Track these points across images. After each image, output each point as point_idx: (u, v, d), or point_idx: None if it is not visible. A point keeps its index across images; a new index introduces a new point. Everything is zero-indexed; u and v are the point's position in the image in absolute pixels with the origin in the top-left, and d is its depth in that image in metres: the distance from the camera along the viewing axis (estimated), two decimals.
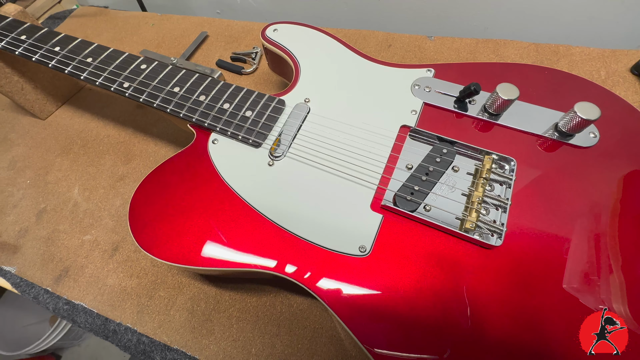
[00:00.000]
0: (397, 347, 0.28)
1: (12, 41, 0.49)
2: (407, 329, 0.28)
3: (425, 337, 0.28)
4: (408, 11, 0.70)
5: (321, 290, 0.30)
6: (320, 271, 0.31)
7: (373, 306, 0.30)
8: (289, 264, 0.32)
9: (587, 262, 0.29)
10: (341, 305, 0.30)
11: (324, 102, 0.41)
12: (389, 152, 0.37)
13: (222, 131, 0.39)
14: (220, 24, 0.73)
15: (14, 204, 0.54)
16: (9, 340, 1.39)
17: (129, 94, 0.42)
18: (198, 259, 0.32)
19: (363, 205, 0.34)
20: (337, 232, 0.32)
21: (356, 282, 0.30)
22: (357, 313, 0.29)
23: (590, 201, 0.32)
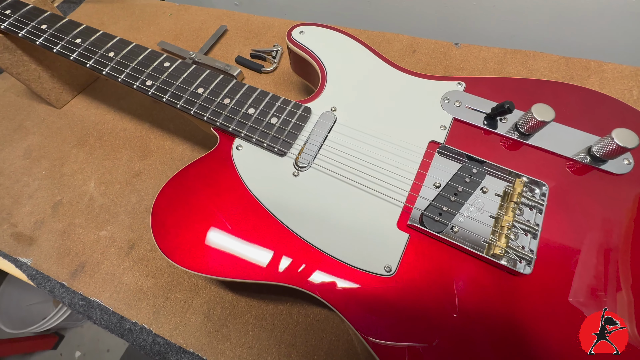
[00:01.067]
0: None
1: (32, 30, 0.48)
2: (430, 350, 0.28)
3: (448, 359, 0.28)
4: (433, 15, 0.68)
5: (345, 308, 0.30)
6: (344, 289, 0.31)
7: (396, 327, 0.29)
8: (313, 280, 0.31)
9: (620, 298, 0.29)
10: (365, 324, 0.30)
11: (351, 111, 0.40)
12: (416, 168, 0.36)
13: (246, 137, 0.38)
14: (240, 18, 0.71)
15: (30, 194, 0.54)
16: (14, 319, 1.41)
17: (151, 92, 0.42)
18: (220, 269, 0.32)
19: (389, 223, 0.33)
20: (363, 250, 0.32)
21: (380, 301, 0.30)
22: (380, 333, 0.29)
23: (622, 232, 0.31)
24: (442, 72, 0.56)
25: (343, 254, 0.32)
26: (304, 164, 0.36)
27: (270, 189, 0.35)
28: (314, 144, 0.37)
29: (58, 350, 1.48)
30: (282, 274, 0.32)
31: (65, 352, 1.47)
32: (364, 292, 0.31)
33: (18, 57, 0.54)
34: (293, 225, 0.33)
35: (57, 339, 1.49)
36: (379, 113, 0.40)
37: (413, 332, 0.29)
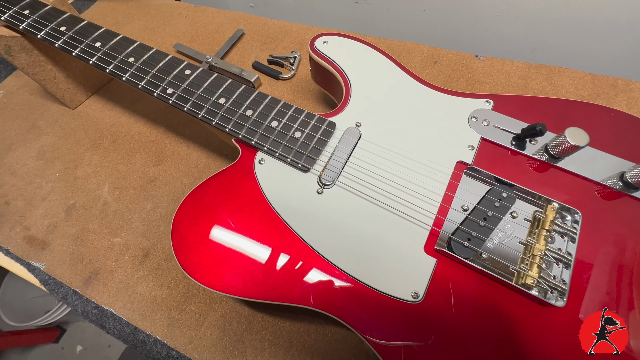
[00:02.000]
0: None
1: (51, 32, 0.47)
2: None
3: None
4: (454, 25, 0.67)
5: (370, 333, 0.29)
6: (369, 313, 0.30)
7: (422, 355, 0.29)
8: (338, 304, 0.31)
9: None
10: (390, 351, 0.29)
11: (376, 127, 0.39)
12: (444, 189, 0.35)
13: (269, 151, 0.37)
14: (257, 21, 0.70)
15: (43, 196, 0.53)
16: (17, 312, 1.42)
17: (172, 101, 0.41)
18: (242, 289, 0.31)
19: (416, 246, 0.32)
20: (389, 274, 0.31)
21: (407, 328, 0.29)
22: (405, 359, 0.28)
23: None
24: (464, 85, 0.55)
25: (369, 277, 0.31)
26: (328, 182, 0.35)
27: (294, 207, 0.35)
28: (338, 160, 0.37)
29: (60, 344, 1.48)
30: (307, 297, 0.31)
31: (67, 346, 1.47)
32: (390, 318, 0.30)
33: (35, 58, 0.54)
34: (317, 246, 0.33)
35: (59, 332, 1.49)
36: (405, 130, 0.39)
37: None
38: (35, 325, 1.38)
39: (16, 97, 0.67)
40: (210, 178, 0.37)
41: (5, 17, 0.49)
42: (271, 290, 0.31)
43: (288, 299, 0.31)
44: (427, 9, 0.67)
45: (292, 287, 0.31)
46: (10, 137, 0.61)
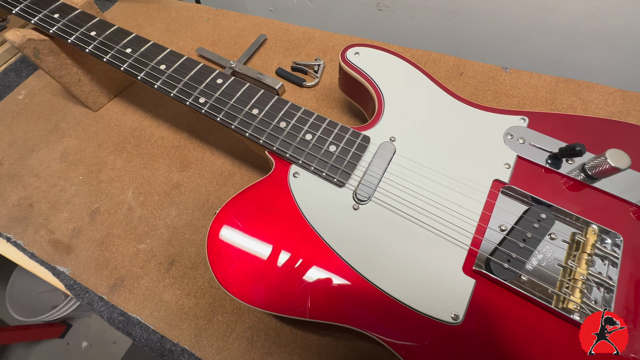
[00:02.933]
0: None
1: (82, 37, 0.47)
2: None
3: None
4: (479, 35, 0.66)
5: (406, 353, 0.29)
6: (407, 333, 0.30)
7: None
8: (375, 323, 0.30)
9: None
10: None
11: (410, 142, 0.39)
12: (481, 208, 0.35)
13: (304, 165, 0.37)
14: (279, 27, 0.70)
15: (67, 200, 0.53)
16: (25, 306, 1.43)
17: (205, 111, 0.41)
18: (281, 306, 0.31)
19: (455, 267, 0.32)
20: (428, 294, 0.31)
21: (446, 350, 0.29)
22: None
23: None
24: (491, 98, 0.54)
25: (408, 297, 0.31)
26: (363, 197, 0.35)
27: (330, 222, 0.34)
28: (373, 175, 0.36)
29: (65, 339, 1.49)
30: (344, 315, 0.31)
31: (72, 342, 1.48)
32: (429, 339, 0.30)
33: (62, 61, 0.54)
34: (355, 263, 0.32)
35: (64, 328, 1.50)
36: (439, 146, 0.38)
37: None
38: (42, 320, 1.39)
39: (38, 98, 0.67)
40: (244, 190, 0.37)
41: (35, 21, 0.49)
42: (309, 308, 0.31)
43: (325, 317, 0.31)
44: (452, 18, 0.66)
45: (330, 306, 0.31)
46: (33, 139, 0.61)
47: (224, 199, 0.50)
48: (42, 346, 1.48)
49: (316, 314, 0.31)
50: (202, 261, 0.46)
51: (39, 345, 1.49)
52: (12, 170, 0.58)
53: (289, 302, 0.32)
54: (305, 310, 0.31)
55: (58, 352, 1.46)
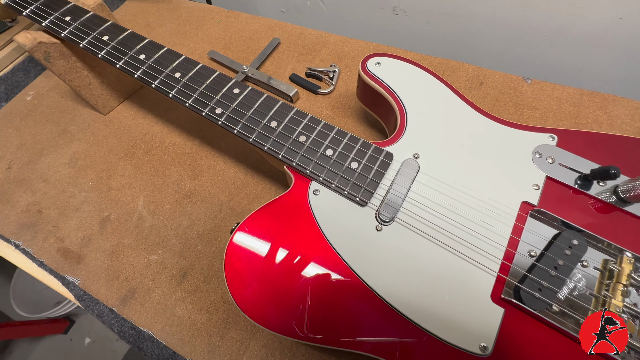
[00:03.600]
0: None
1: (94, 41, 0.46)
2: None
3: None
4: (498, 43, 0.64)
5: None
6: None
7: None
8: (396, 350, 0.29)
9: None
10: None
11: (434, 160, 0.37)
12: (509, 232, 0.33)
13: (325, 182, 0.36)
14: (293, 30, 0.68)
15: (76, 207, 0.52)
16: (29, 302, 1.43)
17: (221, 122, 0.39)
18: (300, 334, 0.30)
19: (483, 294, 0.31)
20: (454, 323, 0.30)
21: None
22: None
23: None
24: (513, 110, 0.53)
25: (434, 325, 0.30)
26: (387, 218, 0.34)
27: (352, 243, 0.33)
28: (396, 195, 0.35)
29: (68, 335, 1.49)
30: (366, 344, 0.30)
31: (75, 338, 1.48)
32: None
33: (72, 64, 0.52)
34: (379, 288, 0.31)
35: (68, 324, 1.51)
36: (465, 164, 0.37)
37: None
38: (46, 316, 1.39)
39: (46, 100, 0.66)
40: (263, 208, 0.35)
41: (46, 24, 0.48)
42: (330, 335, 0.30)
43: (346, 345, 0.30)
44: (470, 25, 0.64)
45: (352, 333, 0.30)
46: (41, 142, 0.60)
47: (237, 210, 0.49)
48: (45, 342, 1.49)
49: (337, 342, 0.30)
50: (215, 275, 0.45)
51: (42, 341, 1.49)
52: (21, 175, 0.57)
53: (309, 329, 0.30)
54: (326, 338, 0.30)
55: (61, 348, 1.47)
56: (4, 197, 0.55)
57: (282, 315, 0.31)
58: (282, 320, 0.31)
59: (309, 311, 0.31)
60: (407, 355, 0.29)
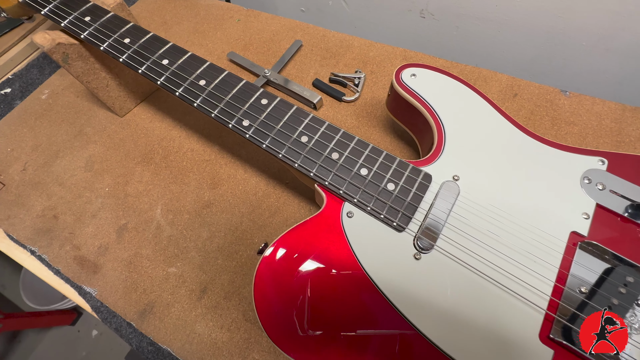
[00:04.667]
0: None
1: (115, 44, 0.44)
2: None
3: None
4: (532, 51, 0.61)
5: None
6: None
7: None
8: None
9: None
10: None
11: (476, 183, 0.35)
12: (557, 265, 0.31)
13: (360, 204, 0.34)
14: (315, 32, 0.66)
15: (93, 213, 0.51)
16: (38, 294, 1.45)
17: (249, 135, 0.37)
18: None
19: (530, 333, 0.29)
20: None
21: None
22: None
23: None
24: (550, 125, 0.50)
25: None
26: (426, 246, 0.32)
27: (389, 273, 0.31)
28: (436, 220, 0.33)
29: (76, 327, 1.51)
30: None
31: (83, 330, 1.50)
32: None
33: (90, 66, 0.51)
34: (418, 322, 0.29)
35: (75, 315, 1.52)
36: (508, 188, 0.35)
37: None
38: (54, 308, 1.41)
39: (61, 99, 0.64)
40: (293, 230, 0.33)
41: (65, 24, 0.46)
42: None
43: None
44: (502, 31, 0.61)
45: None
46: (57, 143, 0.59)
47: (259, 223, 0.47)
48: (53, 332, 1.51)
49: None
50: (236, 291, 0.43)
51: (51, 332, 1.51)
52: (36, 177, 0.55)
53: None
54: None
55: (69, 339, 1.48)
56: (19, 200, 0.53)
57: (313, 348, 0.29)
58: (314, 353, 0.29)
59: (343, 345, 0.29)
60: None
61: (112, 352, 1.43)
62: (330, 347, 0.29)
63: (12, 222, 0.51)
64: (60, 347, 1.48)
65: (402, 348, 0.29)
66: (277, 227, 0.47)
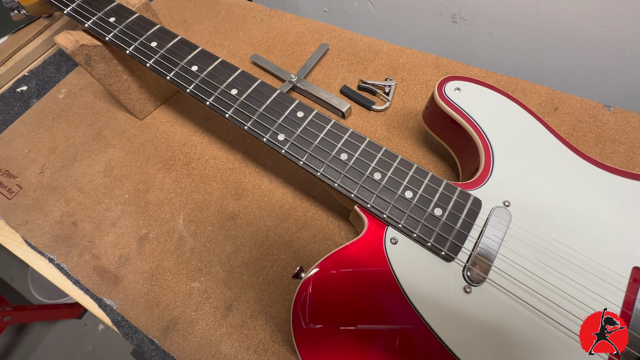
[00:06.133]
0: None
1: (141, 48, 0.42)
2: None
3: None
4: (572, 61, 0.58)
5: None
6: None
7: None
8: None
9: None
10: None
11: (528, 209, 0.33)
12: (620, 304, 0.29)
13: (405, 230, 0.32)
14: (342, 35, 0.63)
15: (113, 221, 0.49)
16: (47, 288, 1.45)
17: (285, 151, 0.35)
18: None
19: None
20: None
21: None
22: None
23: None
24: (594, 142, 0.47)
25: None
26: (477, 277, 0.30)
27: (437, 306, 0.29)
28: (487, 250, 0.31)
29: (83, 320, 1.51)
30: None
31: (90, 323, 1.50)
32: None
33: (113, 68, 0.49)
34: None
35: (82, 309, 1.52)
36: (562, 216, 0.32)
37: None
38: (62, 302, 1.41)
39: (79, 99, 0.62)
40: (333, 255, 0.31)
41: (89, 24, 0.44)
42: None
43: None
44: (540, 39, 0.58)
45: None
46: (74, 145, 0.57)
47: (285, 238, 0.45)
48: (60, 325, 1.51)
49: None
50: (263, 310, 0.41)
51: (58, 324, 1.51)
52: (54, 181, 0.54)
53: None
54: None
55: (75, 332, 1.49)
56: (37, 204, 0.52)
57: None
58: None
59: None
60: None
61: (118, 347, 1.44)
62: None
63: (29, 228, 0.50)
64: (66, 340, 1.48)
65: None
66: (305, 242, 0.45)
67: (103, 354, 1.44)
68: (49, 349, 1.46)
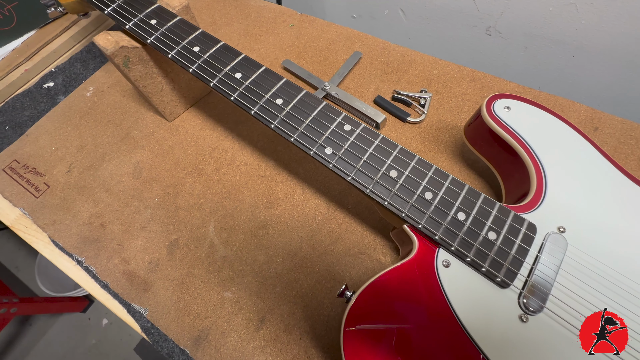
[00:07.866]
0: None
1: (184, 52, 0.41)
2: None
3: None
4: (611, 79, 0.57)
5: None
6: None
7: None
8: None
9: None
10: None
11: (584, 236, 0.32)
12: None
13: (458, 253, 0.31)
14: (375, 44, 0.62)
15: (142, 225, 0.49)
16: (53, 281, 1.45)
17: (332, 165, 0.34)
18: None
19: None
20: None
21: None
22: None
23: None
24: (636, 165, 0.46)
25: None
26: (534, 306, 0.29)
27: (492, 334, 0.28)
28: (543, 278, 0.30)
29: (87, 314, 1.51)
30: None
31: (94, 317, 1.51)
32: None
33: (149, 70, 0.48)
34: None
35: (87, 303, 1.53)
36: (619, 244, 0.32)
37: None
38: (68, 295, 1.41)
39: (107, 97, 0.62)
40: (383, 276, 0.31)
41: (131, 26, 0.43)
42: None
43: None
44: (577, 55, 0.58)
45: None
46: (102, 145, 0.56)
47: (319, 251, 0.45)
48: (64, 318, 1.52)
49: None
50: (297, 324, 0.40)
51: (62, 317, 1.52)
52: (82, 181, 0.53)
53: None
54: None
55: (79, 326, 1.49)
56: (64, 204, 0.51)
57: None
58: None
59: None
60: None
61: (122, 342, 1.44)
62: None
63: (57, 228, 0.49)
64: (70, 333, 1.48)
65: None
66: (340, 256, 0.44)
67: (106, 348, 1.44)
68: (52, 341, 1.46)
